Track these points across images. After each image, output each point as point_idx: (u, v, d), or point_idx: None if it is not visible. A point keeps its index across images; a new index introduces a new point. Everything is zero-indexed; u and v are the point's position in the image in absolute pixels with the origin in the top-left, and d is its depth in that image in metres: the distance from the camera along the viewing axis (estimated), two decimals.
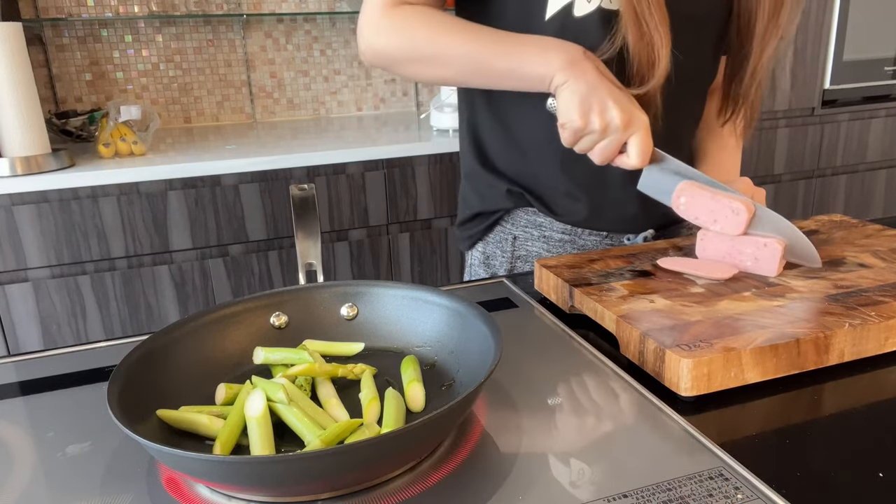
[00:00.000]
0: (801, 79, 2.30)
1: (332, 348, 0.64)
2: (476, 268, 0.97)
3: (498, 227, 0.92)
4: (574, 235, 0.90)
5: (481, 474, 0.48)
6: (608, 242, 0.91)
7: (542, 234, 0.90)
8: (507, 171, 0.89)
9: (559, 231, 0.89)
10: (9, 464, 0.51)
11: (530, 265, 0.92)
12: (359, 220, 1.90)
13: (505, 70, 0.74)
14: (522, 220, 0.90)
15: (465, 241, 0.97)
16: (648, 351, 0.60)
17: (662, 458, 0.49)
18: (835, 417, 0.55)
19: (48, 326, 1.71)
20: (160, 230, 1.73)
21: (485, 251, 0.95)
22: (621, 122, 0.69)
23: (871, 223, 0.90)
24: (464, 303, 0.61)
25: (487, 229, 0.93)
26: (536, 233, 0.90)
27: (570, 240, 0.90)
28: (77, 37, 2.13)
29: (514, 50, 0.73)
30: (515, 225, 0.91)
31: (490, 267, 0.94)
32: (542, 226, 0.90)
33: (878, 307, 0.64)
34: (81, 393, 0.62)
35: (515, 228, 0.91)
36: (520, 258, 0.91)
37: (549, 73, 0.71)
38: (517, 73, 0.74)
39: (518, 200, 0.89)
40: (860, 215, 2.47)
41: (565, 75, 0.70)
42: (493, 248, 0.93)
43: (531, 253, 0.91)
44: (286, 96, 2.38)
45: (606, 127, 0.70)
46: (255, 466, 0.43)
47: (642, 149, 0.71)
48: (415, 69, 0.79)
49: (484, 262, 0.95)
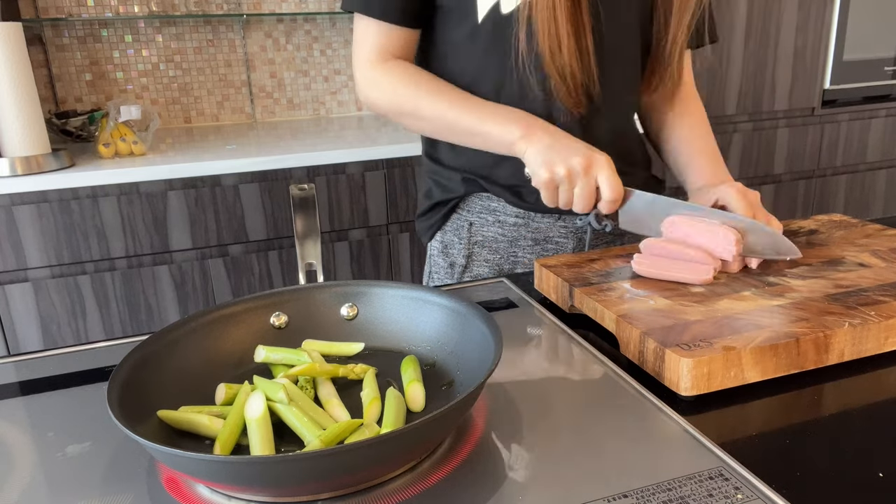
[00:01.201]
0: (801, 79, 2.30)
1: (332, 348, 0.64)
2: (435, 257, 1.01)
3: (454, 215, 0.98)
4: (527, 219, 0.94)
5: (481, 474, 0.48)
6: (561, 224, 0.95)
7: (496, 219, 0.95)
8: (463, 166, 0.95)
9: (513, 215, 0.94)
10: (9, 464, 0.51)
11: (487, 250, 0.96)
12: (359, 220, 1.90)
13: (472, 131, 0.85)
14: (477, 206, 0.95)
15: (425, 233, 1.02)
16: (648, 351, 0.60)
17: (662, 458, 0.49)
18: (835, 417, 0.55)
19: (48, 326, 1.71)
20: (160, 230, 1.73)
21: (443, 240, 0.99)
22: (582, 165, 0.76)
23: (871, 223, 0.90)
24: (464, 303, 0.61)
25: (445, 217, 0.98)
26: (491, 218, 0.95)
27: (524, 223, 0.95)
28: (77, 37, 2.13)
29: (480, 116, 0.84)
30: (471, 211, 0.96)
31: (448, 255, 0.99)
32: (495, 210, 0.95)
33: (878, 307, 0.64)
34: (81, 393, 0.62)
35: (471, 215, 0.96)
36: (476, 243, 0.96)
37: (511, 140, 0.81)
38: (482, 136, 0.84)
39: (471, 186, 0.95)
40: (860, 215, 2.46)
41: (525, 143, 0.80)
42: (451, 237, 0.98)
43: (487, 238, 0.96)
44: (286, 96, 2.38)
45: (570, 172, 0.76)
46: (255, 466, 0.43)
47: (611, 183, 0.76)
48: (401, 121, 0.91)
49: (443, 252, 1.00)
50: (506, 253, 0.96)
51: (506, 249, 0.96)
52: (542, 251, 0.96)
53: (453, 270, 0.99)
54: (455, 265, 0.98)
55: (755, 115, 2.29)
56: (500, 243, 0.95)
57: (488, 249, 0.96)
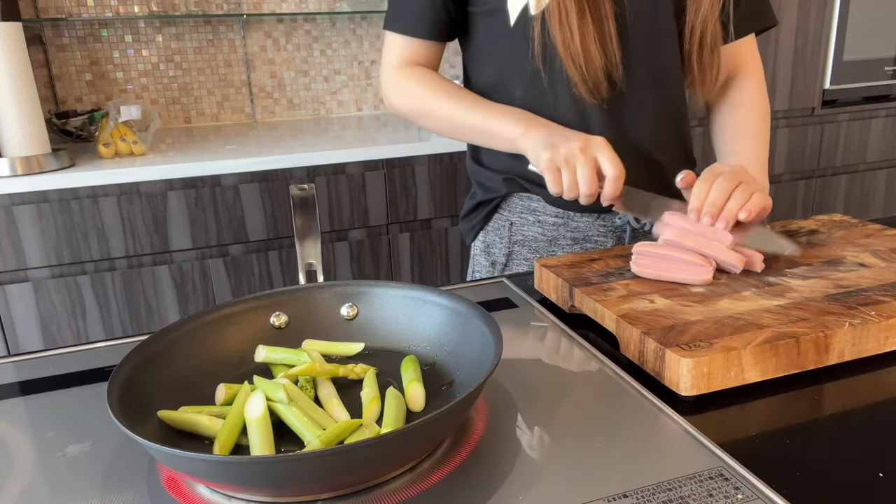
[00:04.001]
0: (801, 79, 2.30)
1: (332, 348, 0.64)
2: (478, 257, 1.04)
3: (496, 215, 1.01)
4: (567, 218, 0.96)
5: (481, 474, 0.48)
6: (600, 223, 0.97)
7: (536, 219, 0.97)
8: (503, 166, 0.99)
9: (552, 215, 0.96)
10: (9, 464, 0.51)
11: (527, 249, 0.98)
12: (359, 220, 1.90)
13: (478, 129, 0.91)
14: (518, 205, 0.98)
15: (469, 233, 1.06)
16: (648, 351, 0.60)
17: (662, 458, 0.49)
18: (835, 417, 0.55)
19: (48, 326, 1.71)
20: (160, 230, 1.73)
21: (485, 240, 1.02)
22: (579, 145, 0.78)
23: (871, 223, 0.90)
24: (464, 303, 0.61)
25: (487, 217, 1.01)
26: (531, 217, 0.97)
27: (564, 223, 0.96)
28: (77, 37, 2.13)
29: (485, 115, 0.89)
30: (512, 211, 0.99)
31: (490, 255, 1.01)
32: (536, 210, 0.97)
33: (878, 307, 0.64)
34: (81, 393, 0.62)
35: (512, 214, 0.99)
36: (517, 243, 0.99)
37: (513, 137, 0.86)
38: (488, 134, 0.90)
39: (512, 186, 0.98)
40: (860, 215, 2.46)
41: (525, 139, 0.84)
42: (493, 236, 1.01)
43: (527, 237, 0.98)
44: (286, 96, 2.38)
45: (569, 152, 0.78)
46: (255, 466, 0.43)
47: (611, 160, 0.77)
48: (419, 122, 0.97)
49: (485, 251, 1.02)
50: (545, 252, 0.98)
51: (545, 248, 0.98)
52: (581, 250, 0.97)
53: (494, 269, 1.01)
54: (496, 264, 1.01)
55: None
56: (540, 242, 0.98)
57: (528, 248, 0.98)
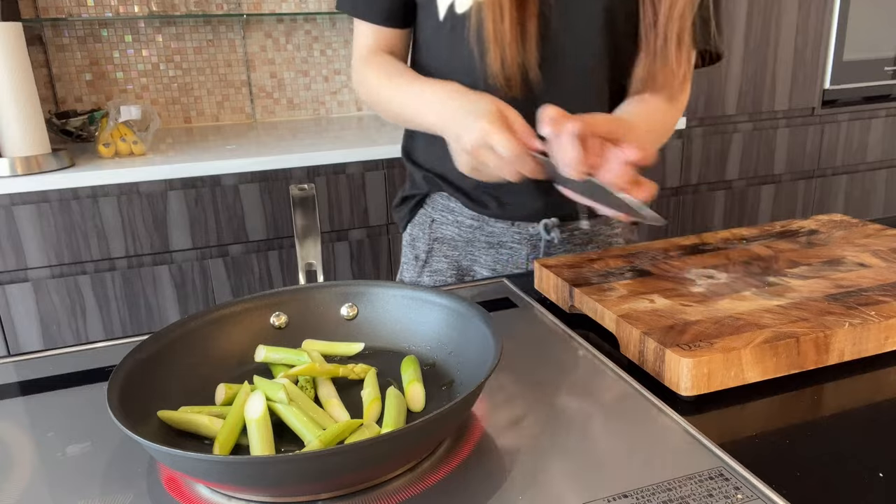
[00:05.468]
0: (801, 79, 2.30)
1: (332, 348, 0.64)
2: (406, 248, 1.07)
3: (420, 210, 1.03)
4: (482, 222, 0.97)
5: (481, 474, 0.48)
6: (514, 230, 0.96)
7: (455, 219, 0.98)
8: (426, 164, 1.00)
9: (469, 217, 0.97)
10: (9, 464, 0.51)
11: (446, 246, 1.00)
12: (359, 220, 1.90)
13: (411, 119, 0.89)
14: (440, 204, 1.00)
15: (400, 223, 1.08)
16: (648, 351, 0.60)
17: (662, 458, 0.49)
18: (835, 417, 0.55)
19: (48, 326, 1.71)
20: (160, 230, 1.73)
21: (411, 233, 1.04)
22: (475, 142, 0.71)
23: (871, 223, 0.90)
24: (464, 303, 0.61)
25: (412, 211, 1.04)
26: (451, 217, 0.99)
27: (479, 226, 0.97)
28: (77, 37, 2.13)
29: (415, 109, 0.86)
30: (434, 209, 1.00)
31: (414, 248, 1.04)
32: (454, 210, 0.98)
33: (878, 307, 0.64)
34: (81, 393, 0.62)
35: (434, 212, 1.00)
36: (437, 240, 1.00)
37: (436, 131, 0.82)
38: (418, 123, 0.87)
39: (433, 185, 0.99)
40: (860, 215, 2.46)
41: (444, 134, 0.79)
42: (417, 231, 1.03)
43: (446, 236, 0.99)
44: (286, 96, 2.38)
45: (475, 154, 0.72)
46: (255, 466, 0.43)
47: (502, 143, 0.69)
48: (378, 112, 0.95)
49: (410, 244, 1.05)
50: (463, 252, 0.98)
51: (463, 248, 0.99)
52: (496, 254, 0.97)
53: (417, 263, 1.02)
54: (419, 259, 1.02)
55: (755, 115, 2.29)
56: (458, 242, 0.99)
57: (447, 246, 0.99)
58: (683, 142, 2.22)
